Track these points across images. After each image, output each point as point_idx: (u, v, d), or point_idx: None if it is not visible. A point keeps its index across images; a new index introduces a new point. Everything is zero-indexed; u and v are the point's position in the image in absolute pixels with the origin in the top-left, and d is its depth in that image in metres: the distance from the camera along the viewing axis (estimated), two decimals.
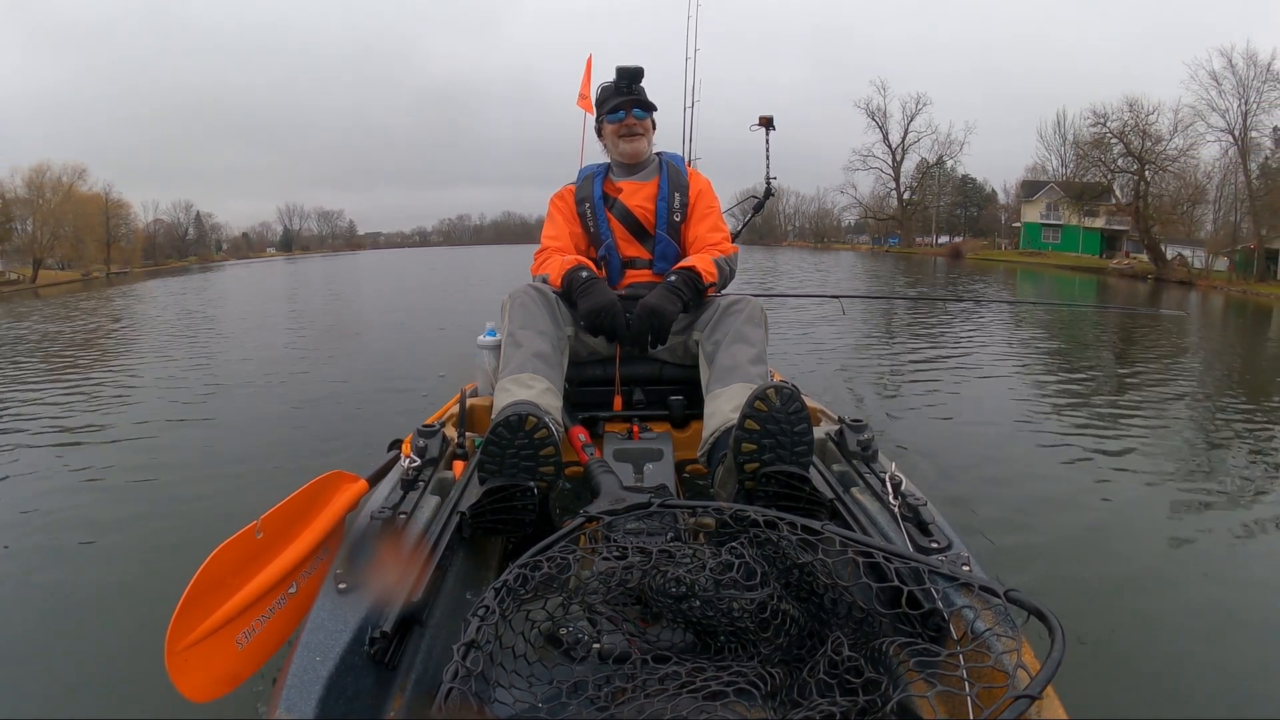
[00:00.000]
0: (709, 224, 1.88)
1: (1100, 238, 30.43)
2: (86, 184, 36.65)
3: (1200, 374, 5.94)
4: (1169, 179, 25.40)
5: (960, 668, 0.77)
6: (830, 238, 50.77)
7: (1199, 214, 24.71)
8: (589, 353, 1.82)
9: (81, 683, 1.67)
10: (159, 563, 2.19)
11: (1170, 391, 5.07)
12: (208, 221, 59.51)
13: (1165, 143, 25.21)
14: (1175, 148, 25.08)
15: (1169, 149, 25.22)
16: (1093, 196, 28.25)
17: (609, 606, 0.92)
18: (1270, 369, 6.71)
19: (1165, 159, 25.30)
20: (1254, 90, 22.29)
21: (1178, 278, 22.26)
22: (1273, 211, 20.89)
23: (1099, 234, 30.43)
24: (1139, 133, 25.68)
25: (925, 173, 42.62)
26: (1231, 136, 23.05)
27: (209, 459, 3.40)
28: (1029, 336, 8.07)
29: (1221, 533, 2.50)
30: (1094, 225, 30.27)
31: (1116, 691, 1.59)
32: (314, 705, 0.77)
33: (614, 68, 1.85)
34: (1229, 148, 23.23)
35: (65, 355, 7.51)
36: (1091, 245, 30.61)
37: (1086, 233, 30.83)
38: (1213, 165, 24.14)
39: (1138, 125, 25.63)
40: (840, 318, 7.56)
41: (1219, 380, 5.73)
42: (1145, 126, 25.54)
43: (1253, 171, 22.55)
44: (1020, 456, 3.39)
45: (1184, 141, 24.76)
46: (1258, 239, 21.16)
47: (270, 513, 0.99)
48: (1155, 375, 5.62)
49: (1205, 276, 21.95)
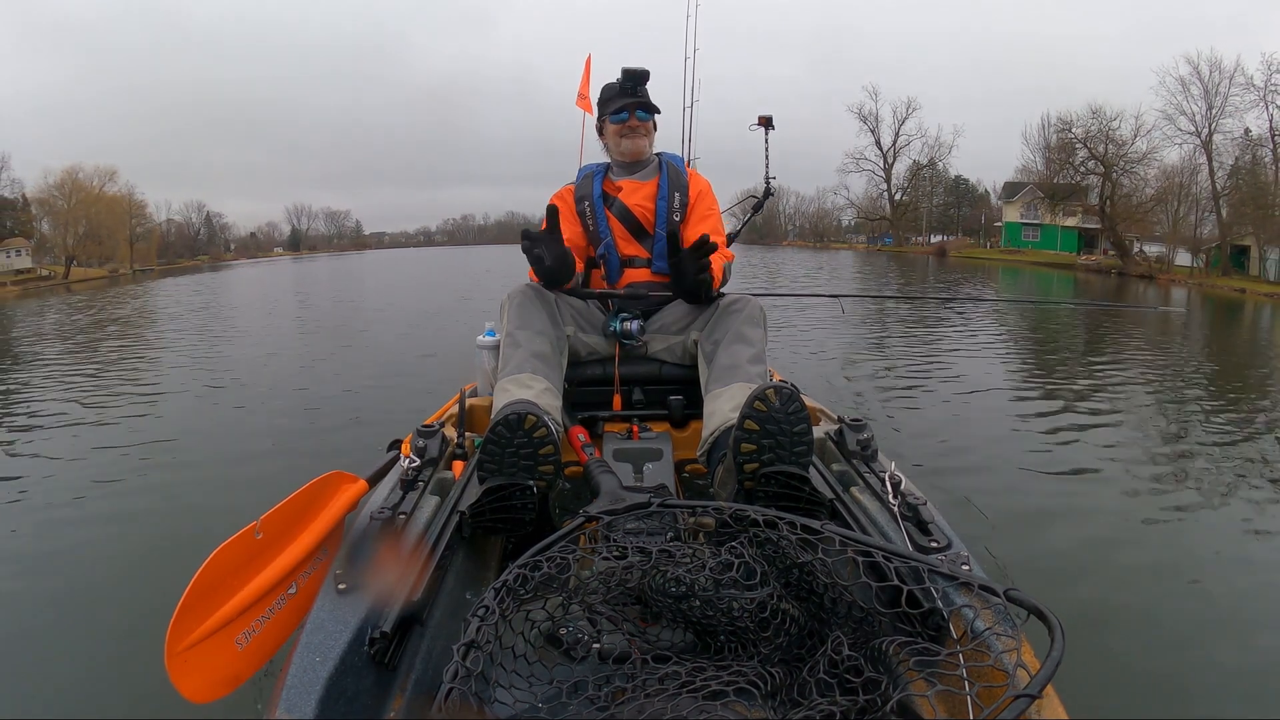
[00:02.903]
0: (709, 226, 1.88)
1: (1077, 236, 31.93)
2: (116, 185, 39.20)
3: (1201, 373, 5.94)
4: (1132, 181, 27.68)
5: (960, 667, 0.77)
6: (829, 237, 51.48)
7: (1162, 213, 26.29)
8: (588, 352, 1.82)
9: (82, 683, 1.67)
10: (158, 563, 2.19)
11: (1170, 391, 5.08)
12: (217, 222, 60.71)
13: (1128, 146, 27.60)
14: (1137, 151, 27.43)
15: (1131, 152, 27.56)
16: (1064, 197, 30.55)
17: (609, 606, 0.92)
18: (1263, 363, 6.72)
19: (1128, 162, 27.59)
20: (1220, 95, 24.31)
21: (1138, 272, 24.35)
22: (1239, 211, 22.59)
23: (1076, 232, 31.92)
24: (1103, 138, 28.14)
25: (916, 174, 44.16)
26: (1198, 139, 24.89)
27: (209, 459, 3.40)
28: (1027, 335, 8.09)
29: (1223, 532, 2.51)
30: (1072, 224, 31.83)
31: (1116, 691, 1.59)
32: (314, 705, 0.77)
33: (620, 69, 1.85)
34: (1195, 150, 25.09)
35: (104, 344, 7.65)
36: (1069, 243, 32.18)
37: (1064, 231, 32.46)
38: (1179, 167, 25.98)
39: (1100, 131, 28.12)
40: (840, 317, 7.58)
41: (1220, 380, 5.73)
42: (1109, 132, 28.04)
43: (1217, 171, 24.44)
44: (1020, 455, 3.39)
45: (1146, 145, 27.07)
46: (1222, 236, 23.02)
47: (270, 513, 0.99)
48: (1155, 374, 5.63)
49: (1165, 271, 24.00)
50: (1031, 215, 34.57)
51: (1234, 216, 22.94)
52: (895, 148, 43.82)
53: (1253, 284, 20.21)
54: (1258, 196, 22.46)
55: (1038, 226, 34.27)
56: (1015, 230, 35.86)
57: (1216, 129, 24.78)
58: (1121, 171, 27.99)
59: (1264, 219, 21.32)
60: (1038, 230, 34.34)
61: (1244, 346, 8.82)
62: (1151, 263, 25.02)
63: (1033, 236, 34.74)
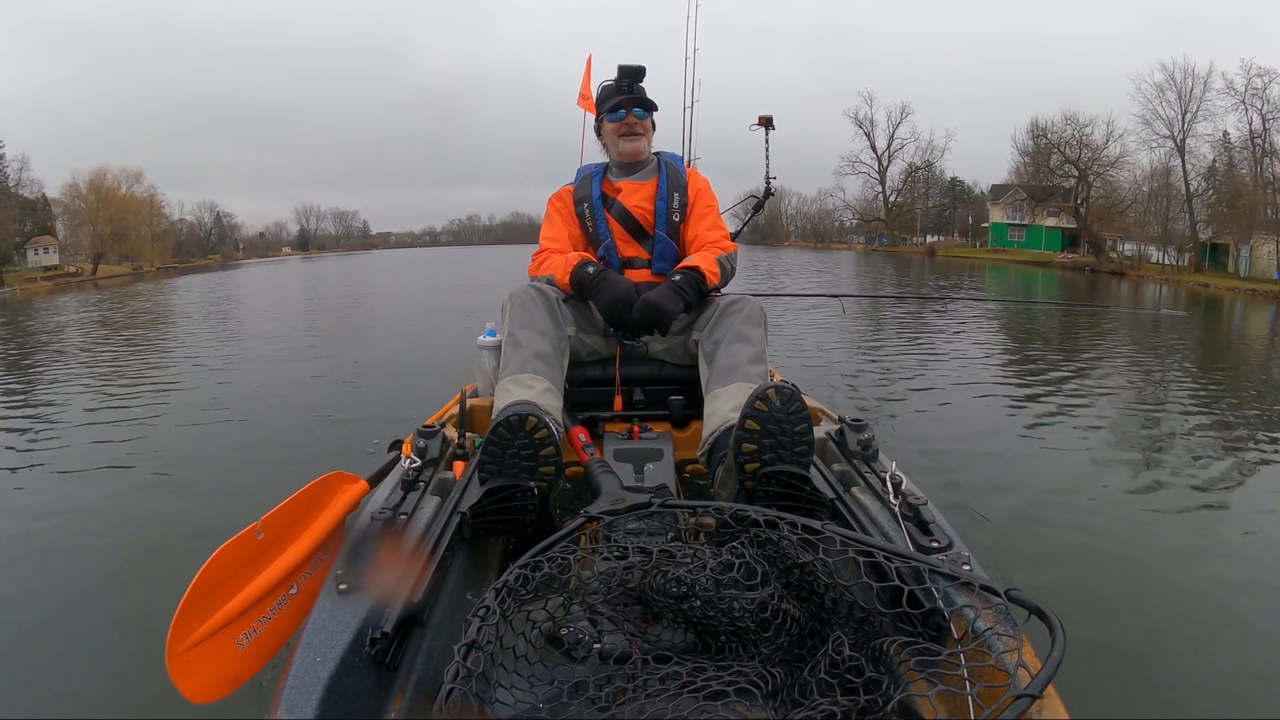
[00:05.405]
0: (708, 222, 1.88)
1: (1061, 235, 33.18)
2: (142, 186, 41.36)
3: (1200, 371, 5.94)
4: (1105, 183, 29.60)
5: (961, 667, 0.77)
6: (830, 238, 51.86)
7: (1135, 213, 27.80)
8: (589, 353, 1.82)
9: (82, 684, 1.67)
10: (159, 563, 2.19)
11: (1172, 389, 5.07)
12: (227, 222, 61.70)
13: (1101, 150, 29.64)
14: (1110, 155, 29.48)
15: (1104, 156, 29.60)
16: (1043, 198, 32.65)
17: (610, 606, 0.92)
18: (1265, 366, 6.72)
19: (1101, 165, 29.64)
20: (1194, 100, 25.85)
21: (1110, 269, 25.81)
22: (1215, 211, 23.93)
23: (1060, 232, 33.17)
24: (1077, 143, 30.28)
25: (910, 176, 45.54)
26: (1173, 143, 26.37)
27: (210, 460, 3.40)
28: (1027, 335, 8.08)
29: (1226, 531, 2.50)
30: (1056, 224, 33.25)
31: (1118, 690, 1.59)
32: (315, 706, 0.77)
33: (616, 66, 1.85)
34: (1170, 154, 26.59)
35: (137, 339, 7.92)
36: (1053, 243, 33.39)
37: (1049, 231, 33.84)
38: (1154, 169, 27.54)
39: (1074, 136, 30.30)
40: (840, 316, 7.57)
41: (1222, 379, 5.73)
42: (1083, 137, 30.14)
43: (1191, 174, 25.91)
44: (1021, 455, 3.39)
45: (1117, 149, 29.14)
46: (1193, 234, 24.39)
47: (271, 514, 0.99)
48: (1155, 372, 5.63)
49: (1136, 267, 25.51)
50: (1016, 216, 35.96)
51: (1210, 216, 24.21)
52: (890, 151, 45.08)
53: (1219, 279, 21.20)
54: (1233, 198, 23.48)
55: (1023, 227, 35.61)
56: (1002, 230, 37.27)
57: (1190, 132, 26.10)
58: (1096, 174, 29.74)
59: (1235, 218, 22.30)
60: (1023, 230, 35.66)
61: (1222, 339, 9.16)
62: (1122, 260, 26.81)
63: (1019, 236, 36.10)
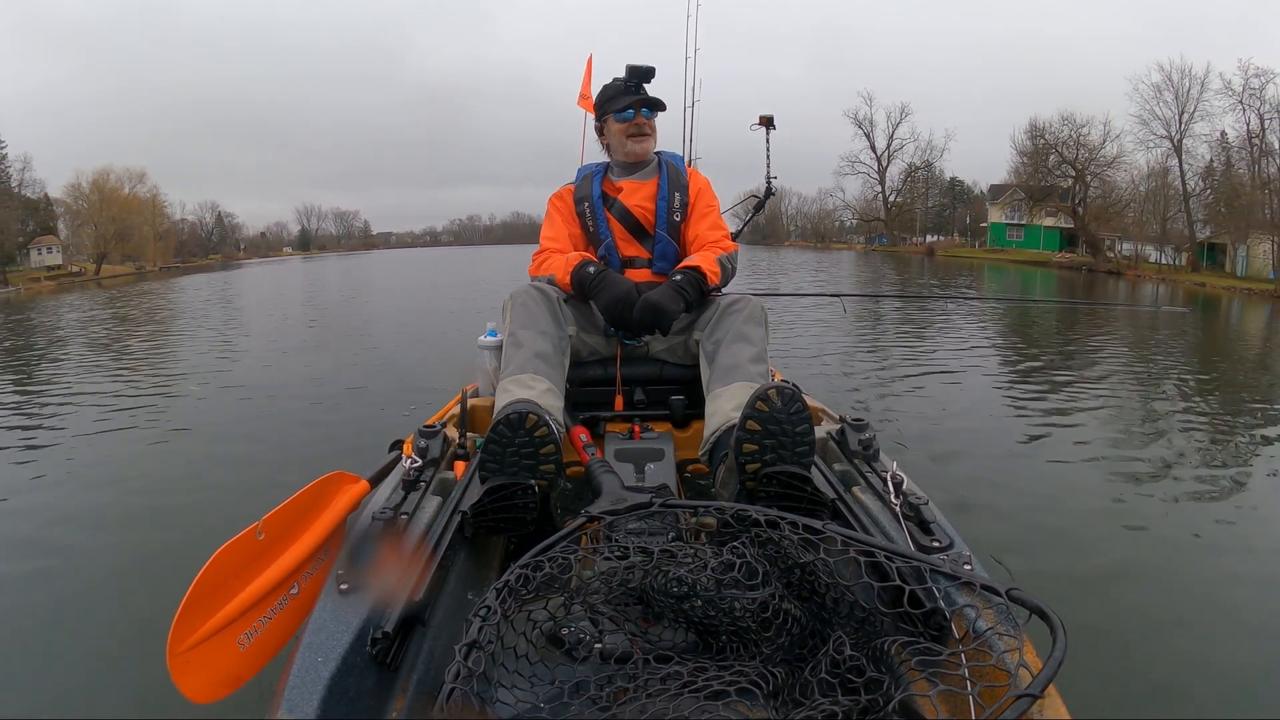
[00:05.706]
0: (709, 222, 1.88)
1: (1060, 235, 33.27)
2: (145, 186, 41.68)
3: (1200, 370, 5.93)
4: (1102, 183, 30.00)
5: (962, 667, 0.77)
6: (830, 238, 51.90)
7: (1132, 213, 28.14)
8: (590, 352, 1.82)
9: (83, 683, 1.67)
10: (160, 563, 2.19)
11: (1172, 388, 5.07)
12: (229, 222, 62.11)
13: (1098, 150, 30.05)
14: (1106, 155, 29.91)
15: (1100, 156, 29.98)
16: (1040, 198, 32.94)
17: (611, 606, 0.92)
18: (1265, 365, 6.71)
19: (1098, 165, 30.04)
20: (1191, 100, 26.20)
21: (1107, 269, 26.15)
22: (1213, 210, 24.22)
23: (1059, 232, 33.29)
24: (1074, 144, 30.63)
25: (910, 176, 45.76)
26: (1170, 143, 26.67)
27: (210, 460, 3.40)
28: (1026, 334, 8.07)
29: (1227, 531, 2.50)
30: (1054, 224, 33.43)
31: (1119, 690, 1.59)
32: (316, 706, 0.77)
33: (625, 66, 1.85)
34: (1168, 154, 26.91)
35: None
36: (1052, 243, 33.48)
37: (1047, 231, 33.95)
38: (1152, 169, 27.91)
39: (1071, 136, 30.68)
40: (840, 316, 7.57)
41: (1222, 378, 5.72)
42: (1080, 137, 30.51)
43: (1187, 172, 26.37)
44: (1021, 455, 3.39)
45: (1114, 149, 29.55)
46: (1190, 234, 24.69)
47: (271, 514, 0.99)
48: (1155, 370, 5.62)
49: (1132, 267, 25.90)
50: (1015, 216, 36.11)
51: (1207, 216, 24.46)
52: (889, 151, 45.30)
53: (1216, 279, 21.33)
54: (1230, 198, 23.59)
55: (1022, 227, 35.72)
56: (1000, 230, 37.40)
57: (1187, 133, 26.38)
58: (1093, 174, 30.07)
59: (1233, 217, 22.43)
60: (1022, 230, 35.75)
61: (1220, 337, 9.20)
62: (1119, 260, 27.08)
63: (1017, 236, 36.18)
